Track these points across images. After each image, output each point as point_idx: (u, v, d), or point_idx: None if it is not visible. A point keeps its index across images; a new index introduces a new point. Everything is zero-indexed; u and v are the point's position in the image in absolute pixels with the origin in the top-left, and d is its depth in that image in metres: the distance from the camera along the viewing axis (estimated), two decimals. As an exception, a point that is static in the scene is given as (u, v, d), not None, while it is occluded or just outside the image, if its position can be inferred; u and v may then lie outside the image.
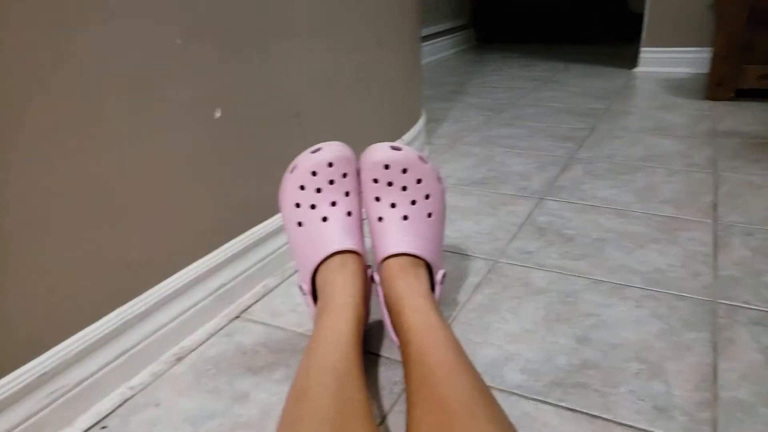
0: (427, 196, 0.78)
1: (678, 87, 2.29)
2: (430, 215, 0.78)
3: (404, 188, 0.77)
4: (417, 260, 0.77)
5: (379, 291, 0.78)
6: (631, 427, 0.65)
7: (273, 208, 0.96)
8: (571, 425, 0.65)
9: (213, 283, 0.85)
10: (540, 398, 0.70)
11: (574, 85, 2.45)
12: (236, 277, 0.89)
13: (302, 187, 0.77)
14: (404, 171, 0.76)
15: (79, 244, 0.65)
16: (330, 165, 0.76)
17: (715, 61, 2.01)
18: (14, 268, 0.59)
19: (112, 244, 0.69)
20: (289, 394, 0.59)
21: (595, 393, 0.70)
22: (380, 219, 0.77)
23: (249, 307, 0.90)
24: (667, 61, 2.60)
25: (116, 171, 0.68)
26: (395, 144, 0.77)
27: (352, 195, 0.78)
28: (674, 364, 0.74)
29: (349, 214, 0.78)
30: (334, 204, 0.77)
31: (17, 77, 0.56)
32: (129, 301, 0.73)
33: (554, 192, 1.30)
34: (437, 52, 3.37)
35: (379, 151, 0.76)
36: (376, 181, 0.77)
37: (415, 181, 0.77)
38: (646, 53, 2.63)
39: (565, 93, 2.30)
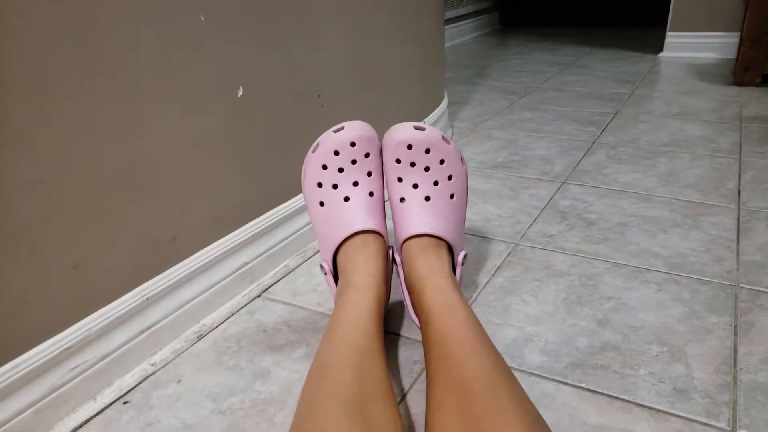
0: (449, 177, 0.77)
1: (704, 72, 2.26)
2: (452, 196, 0.78)
3: (427, 169, 0.76)
4: (438, 241, 0.77)
5: (399, 272, 0.79)
6: (650, 408, 0.65)
7: (294, 189, 0.96)
8: (590, 406, 0.65)
9: (235, 262, 0.86)
10: (560, 379, 0.69)
11: (599, 69, 2.43)
12: (258, 256, 0.90)
13: (324, 167, 0.77)
14: (427, 151, 0.76)
15: (104, 221, 0.66)
16: (352, 144, 0.76)
17: (743, 45, 1.98)
18: (38, 243, 0.60)
19: (136, 221, 0.70)
20: (310, 370, 0.59)
21: (615, 375, 0.70)
22: (402, 200, 0.77)
23: (270, 286, 0.91)
24: (693, 46, 2.56)
25: (142, 148, 0.69)
26: (418, 124, 0.77)
27: (374, 175, 0.78)
28: (695, 348, 0.74)
29: (371, 194, 0.77)
30: (356, 184, 0.77)
31: (47, 55, 0.57)
32: (152, 278, 0.74)
33: (577, 176, 1.29)
34: (460, 35, 3.35)
35: (402, 131, 0.76)
36: (398, 161, 0.76)
37: (438, 161, 0.76)
38: (672, 38, 2.59)
39: (590, 77, 2.28)
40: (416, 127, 0.76)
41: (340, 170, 0.76)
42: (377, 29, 1.13)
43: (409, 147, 0.75)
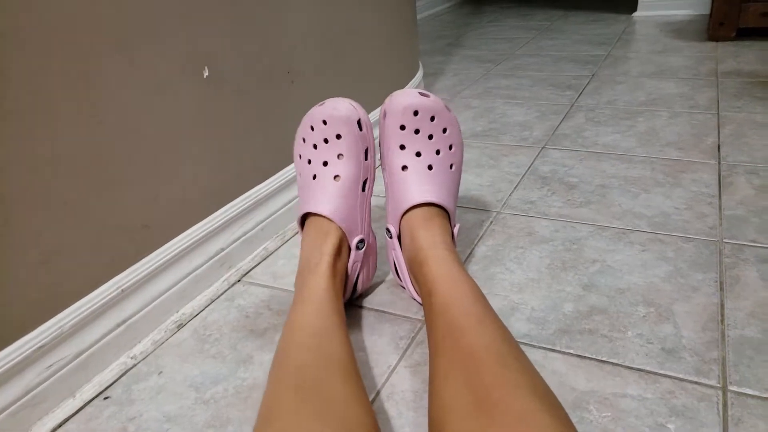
0: (450, 147, 0.76)
1: (679, 29, 2.25)
2: (451, 166, 0.76)
3: (430, 137, 0.74)
4: (441, 211, 0.75)
5: (395, 245, 0.77)
6: (640, 370, 0.64)
7: (269, 170, 0.94)
8: (579, 371, 0.64)
9: (212, 247, 0.84)
10: (548, 346, 0.69)
11: (574, 32, 2.40)
12: (235, 240, 0.88)
13: (303, 140, 0.76)
14: (432, 119, 0.74)
15: (71, 213, 0.64)
16: (324, 123, 0.74)
17: (716, 0, 1.96)
18: (1, 241, 0.58)
19: (104, 211, 0.68)
20: (273, 359, 0.58)
21: (603, 338, 0.69)
22: (404, 168, 0.75)
23: (250, 270, 0.89)
24: (667, 4, 2.54)
25: (104, 135, 0.66)
26: (422, 90, 0.75)
27: (345, 158, 0.74)
28: (682, 306, 0.73)
29: (336, 177, 0.74)
30: (325, 164, 0.74)
31: (7, 39, 0.54)
32: (126, 269, 0.72)
33: (556, 140, 1.28)
34: (433, 5, 3.31)
35: (409, 96, 0.74)
36: (402, 127, 0.74)
37: (441, 129, 0.75)
38: (646, -4, 2.57)
39: (565, 41, 2.26)
40: (421, 93, 0.74)
41: (314, 146, 0.75)
42: (347, 0, 1.10)
43: (416, 113, 0.73)
